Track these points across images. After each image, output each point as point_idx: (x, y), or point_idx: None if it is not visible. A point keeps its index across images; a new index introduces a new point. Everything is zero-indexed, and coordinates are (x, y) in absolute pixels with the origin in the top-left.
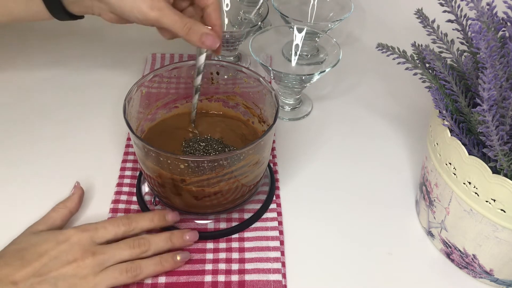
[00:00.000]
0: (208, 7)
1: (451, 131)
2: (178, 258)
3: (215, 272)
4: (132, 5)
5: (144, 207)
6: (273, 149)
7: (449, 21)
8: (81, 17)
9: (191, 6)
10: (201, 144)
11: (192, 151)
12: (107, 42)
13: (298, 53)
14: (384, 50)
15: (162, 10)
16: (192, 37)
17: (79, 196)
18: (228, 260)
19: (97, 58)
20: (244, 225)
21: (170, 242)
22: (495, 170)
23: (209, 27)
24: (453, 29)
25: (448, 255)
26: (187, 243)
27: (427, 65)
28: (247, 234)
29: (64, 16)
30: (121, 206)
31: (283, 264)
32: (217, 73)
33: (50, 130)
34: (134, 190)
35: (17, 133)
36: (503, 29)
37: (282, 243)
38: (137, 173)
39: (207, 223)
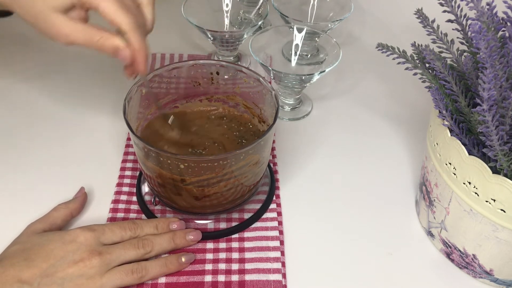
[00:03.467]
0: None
1: (451, 131)
2: (183, 259)
3: (215, 272)
4: (40, 31)
5: (144, 207)
6: (273, 149)
7: (449, 21)
8: (8, 13)
9: None
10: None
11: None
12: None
13: (298, 53)
14: (384, 50)
15: (68, 36)
16: (107, 52)
17: (82, 200)
18: (228, 260)
19: (97, 58)
20: (244, 225)
21: (173, 242)
22: (495, 170)
23: (123, 42)
24: (453, 29)
25: (448, 255)
26: (190, 243)
27: (427, 65)
28: (247, 234)
29: None
30: (121, 206)
31: (283, 264)
32: (217, 73)
33: (50, 130)
34: (134, 190)
35: (17, 134)
36: (503, 29)
37: (282, 243)
38: (137, 173)
39: (207, 223)
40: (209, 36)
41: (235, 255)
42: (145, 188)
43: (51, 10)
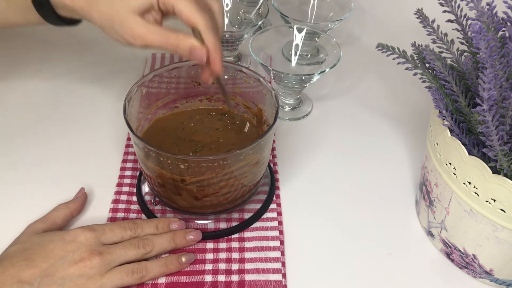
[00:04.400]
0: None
1: (451, 131)
2: (183, 259)
3: (215, 272)
4: (115, 35)
5: (144, 207)
6: (273, 149)
7: (449, 21)
8: (78, 21)
9: None
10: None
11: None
12: (107, 42)
13: (298, 53)
14: (384, 50)
15: (144, 37)
16: (182, 53)
17: (82, 200)
18: (228, 260)
19: (97, 58)
20: (244, 225)
21: (173, 242)
22: (495, 170)
23: (198, 42)
24: (453, 29)
25: (448, 255)
26: (190, 243)
27: (427, 65)
28: (247, 234)
29: (57, 21)
30: (121, 206)
31: (283, 264)
32: None
33: (50, 130)
34: (134, 190)
35: (17, 134)
36: (503, 29)
37: (282, 243)
38: (137, 173)
39: (207, 223)
40: None
41: (235, 255)
42: (145, 188)
43: (129, 12)
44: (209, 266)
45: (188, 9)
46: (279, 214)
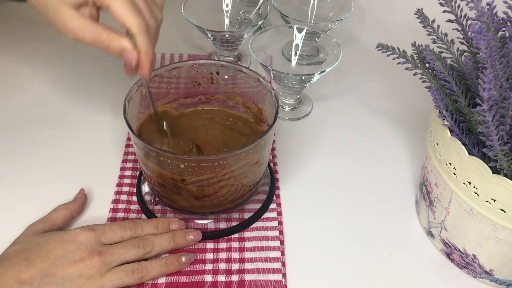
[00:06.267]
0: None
1: (451, 131)
2: (183, 259)
3: (215, 272)
4: (49, 23)
5: (144, 207)
6: (273, 149)
7: (449, 21)
8: None
9: None
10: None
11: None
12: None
13: (298, 53)
14: (384, 50)
15: (75, 31)
16: (113, 53)
17: (82, 201)
18: (228, 260)
19: (97, 58)
20: (244, 225)
21: (173, 242)
22: (495, 170)
23: (130, 43)
24: (453, 29)
25: (448, 255)
26: (190, 243)
27: (427, 65)
28: (247, 234)
29: None
30: (121, 206)
31: (283, 264)
32: (217, 73)
33: (50, 130)
34: (134, 190)
35: (17, 134)
36: (503, 29)
37: (282, 243)
38: (137, 173)
39: (207, 223)
40: (209, 36)
41: (235, 255)
42: (145, 188)
43: (62, 3)
44: (209, 266)
45: (122, 10)
46: (279, 214)
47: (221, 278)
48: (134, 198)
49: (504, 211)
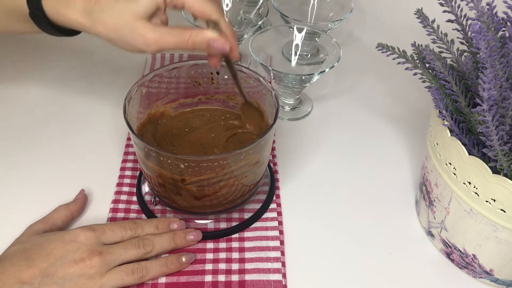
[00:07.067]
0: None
1: (451, 131)
2: (183, 259)
3: (215, 272)
4: (125, 45)
5: (144, 207)
6: (273, 149)
7: (449, 21)
8: (79, 32)
9: None
10: None
11: None
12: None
13: (298, 53)
14: (384, 50)
15: (158, 41)
16: (200, 48)
17: (83, 201)
18: (228, 260)
19: (97, 58)
20: (244, 225)
21: (173, 242)
22: (495, 170)
23: (214, 32)
24: (453, 29)
25: (448, 255)
26: (190, 243)
27: (427, 65)
28: (247, 234)
29: (56, 33)
30: (121, 206)
31: (283, 264)
32: (217, 73)
33: (50, 130)
34: (134, 190)
35: (16, 134)
36: (503, 29)
37: (282, 243)
38: (137, 173)
39: (207, 223)
40: None
41: (235, 255)
42: (145, 188)
43: (136, 19)
44: (209, 266)
45: (199, 2)
46: (279, 214)
47: (221, 278)
48: (134, 198)
49: (504, 211)
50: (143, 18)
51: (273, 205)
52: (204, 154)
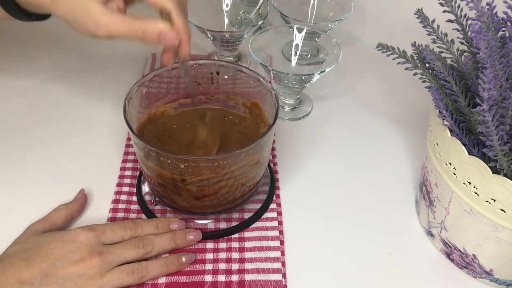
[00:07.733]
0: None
1: (451, 131)
2: (184, 259)
3: (215, 272)
4: (79, 27)
5: (144, 207)
6: (273, 149)
7: (449, 21)
8: (47, 16)
9: None
10: None
11: None
12: (107, 42)
13: (298, 53)
14: (384, 50)
15: (107, 25)
16: (150, 40)
17: (82, 201)
18: (228, 260)
19: (97, 58)
20: (244, 225)
21: (173, 242)
22: (495, 170)
23: (166, 25)
24: (453, 29)
25: (448, 255)
26: (190, 243)
27: (427, 65)
28: (247, 234)
29: (24, 17)
30: (121, 206)
31: (283, 264)
32: (217, 73)
33: (50, 130)
34: (134, 190)
35: (17, 134)
36: (503, 29)
37: (282, 243)
38: (137, 173)
39: (207, 223)
40: (209, 36)
41: (235, 255)
42: (145, 188)
43: (91, 1)
44: (209, 266)
45: None
46: (279, 214)
47: (221, 278)
48: (134, 198)
49: (504, 211)
50: (98, 2)
51: (273, 205)
52: (204, 154)
